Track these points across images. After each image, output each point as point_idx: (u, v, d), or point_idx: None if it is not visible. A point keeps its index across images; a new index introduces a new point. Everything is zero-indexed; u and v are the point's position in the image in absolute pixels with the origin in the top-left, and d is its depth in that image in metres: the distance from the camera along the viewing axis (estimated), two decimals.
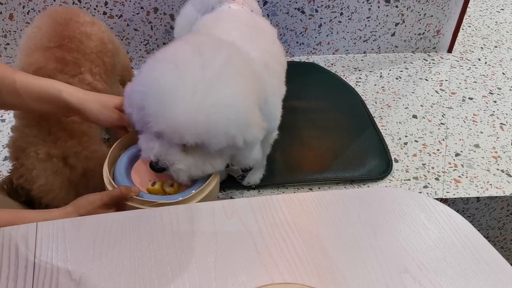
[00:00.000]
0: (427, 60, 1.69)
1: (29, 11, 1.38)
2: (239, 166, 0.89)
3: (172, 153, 0.79)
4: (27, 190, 0.90)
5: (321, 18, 1.59)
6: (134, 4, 1.43)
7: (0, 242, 0.63)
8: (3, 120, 1.32)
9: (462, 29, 1.74)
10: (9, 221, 0.72)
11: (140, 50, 1.54)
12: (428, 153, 1.30)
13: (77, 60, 1.00)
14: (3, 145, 1.25)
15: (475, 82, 1.59)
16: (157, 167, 0.81)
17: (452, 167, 1.26)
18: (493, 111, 1.46)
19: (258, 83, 0.86)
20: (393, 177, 1.22)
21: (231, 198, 1.14)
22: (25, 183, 0.90)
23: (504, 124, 1.41)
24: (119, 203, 0.81)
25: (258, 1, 1.52)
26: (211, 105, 0.74)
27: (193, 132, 0.75)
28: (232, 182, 1.16)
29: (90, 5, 1.40)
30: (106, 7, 1.41)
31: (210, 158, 0.81)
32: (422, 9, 1.62)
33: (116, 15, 1.44)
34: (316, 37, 1.64)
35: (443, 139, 1.34)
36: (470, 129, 1.39)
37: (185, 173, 0.81)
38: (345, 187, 1.19)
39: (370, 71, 1.62)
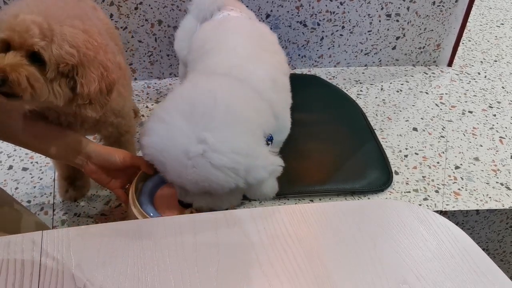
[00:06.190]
0: (427, 74, 1.71)
1: None
2: (255, 198, 0.96)
3: (191, 194, 0.87)
4: None
5: (323, 31, 1.61)
6: (139, 16, 1.45)
7: (6, 249, 0.64)
8: None
9: (462, 43, 1.76)
10: None
11: (144, 61, 1.56)
12: (428, 165, 1.31)
13: None
14: (8, 154, 1.27)
15: (475, 95, 1.60)
16: (184, 203, 0.90)
17: (452, 179, 1.27)
18: (493, 125, 1.47)
19: (264, 108, 0.90)
20: (393, 189, 1.23)
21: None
22: None
23: (504, 138, 1.42)
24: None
25: (261, 14, 1.55)
26: (212, 166, 0.79)
27: (198, 187, 0.82)
28: None
29: None
30: (112, 19, 1.44)
31: (226, 195, 0.85)
32: (423, 23, 1.64)
33: (121, 27, 1.46)
34: (318, 50, 1.66)
35: (443, 152, 1.36)
36: (470, 142, 1.40)
37: (206, 209, 0.88)
38: (345, 199, 1.20)
39: (371, 84, 1.64)
